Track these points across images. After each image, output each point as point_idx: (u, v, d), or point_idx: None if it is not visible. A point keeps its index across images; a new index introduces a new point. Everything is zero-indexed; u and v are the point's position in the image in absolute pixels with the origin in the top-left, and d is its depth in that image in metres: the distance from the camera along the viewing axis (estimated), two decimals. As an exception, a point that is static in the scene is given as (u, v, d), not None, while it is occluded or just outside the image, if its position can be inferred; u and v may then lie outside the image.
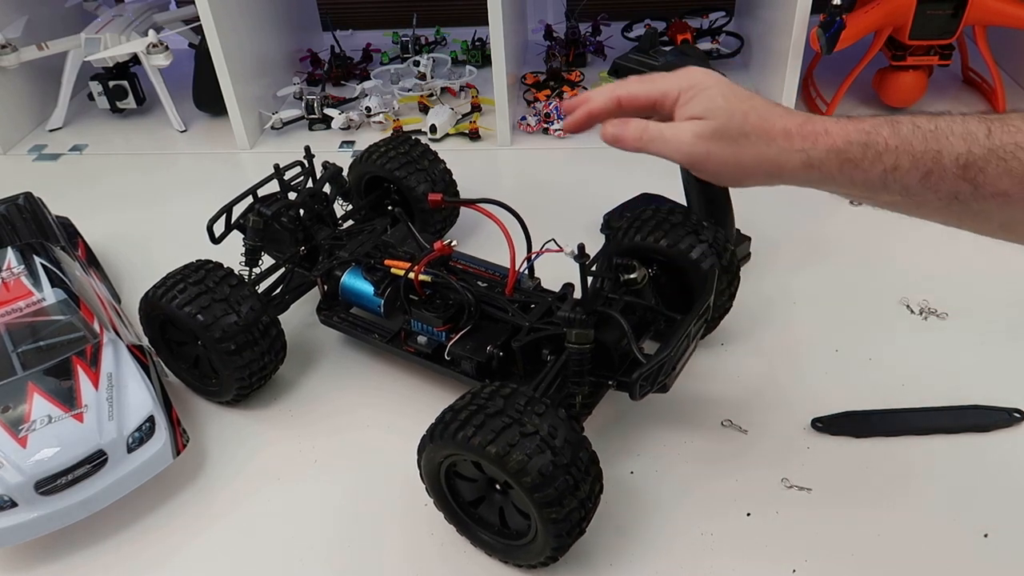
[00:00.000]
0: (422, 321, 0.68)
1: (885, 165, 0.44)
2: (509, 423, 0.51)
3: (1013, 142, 0.41)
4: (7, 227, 0.83)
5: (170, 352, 0.72)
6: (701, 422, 0.67)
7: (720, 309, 0.70)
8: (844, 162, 0.45)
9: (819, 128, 0.46)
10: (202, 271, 0.68)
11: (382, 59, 1.37)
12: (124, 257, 0.93)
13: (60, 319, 0.67)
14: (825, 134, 0.46)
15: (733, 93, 0.50)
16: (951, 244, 0.83)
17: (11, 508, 0.58)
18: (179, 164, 1.17)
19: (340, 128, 1.17)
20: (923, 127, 0.43)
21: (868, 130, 0.45)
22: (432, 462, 0.55)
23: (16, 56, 1.16)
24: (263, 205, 0.76)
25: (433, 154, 0.85)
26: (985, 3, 1.00)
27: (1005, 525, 0.58)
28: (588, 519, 0.54)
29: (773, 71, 1.11)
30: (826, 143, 0.46)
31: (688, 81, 0.51)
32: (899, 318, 0.77)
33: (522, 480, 0.49)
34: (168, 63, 1.17)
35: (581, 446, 0.52)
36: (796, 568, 0.56)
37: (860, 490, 0.61)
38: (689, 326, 0.59)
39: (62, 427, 0.60)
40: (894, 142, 0.44)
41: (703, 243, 0.66)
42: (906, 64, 1.07)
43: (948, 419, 0.66)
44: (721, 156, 0.49)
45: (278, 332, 0.70)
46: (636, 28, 1.38)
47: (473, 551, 0.59)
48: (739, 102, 0.49)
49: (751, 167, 0.49)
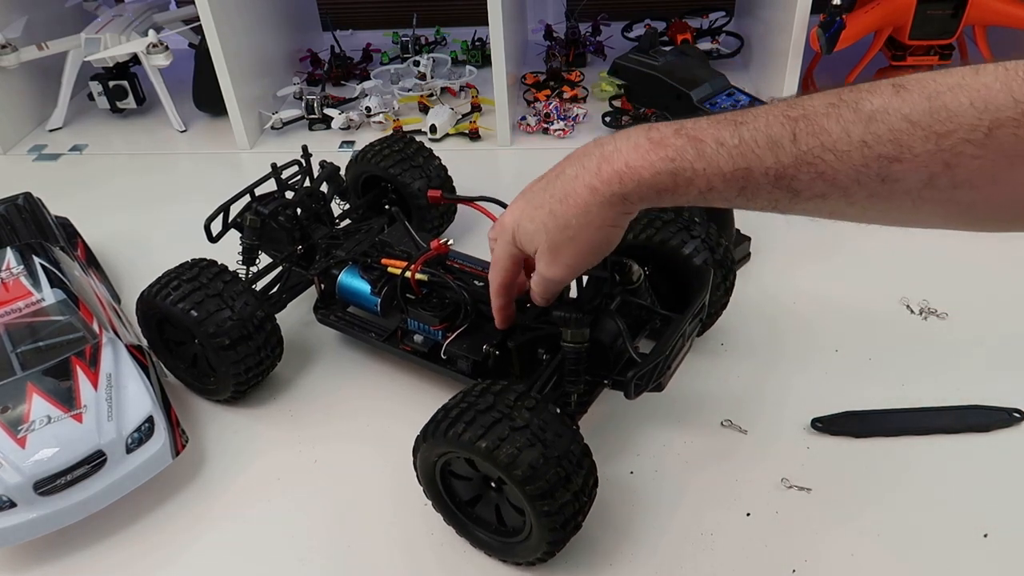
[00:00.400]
0: (419, 320, 0.68)
1: (699, 188, 0.43)
2: (499, 418, 0.51)
3: (819, 144, 0.40)
4: (7, 227, 0.83)
5: (168, 351, 0.73)
6: (701, 422, 0.67)
7: (716, 305, 0.70)
8: (658, 192, 0.44)
9: (619, 166, 0.45)
10: (196, 268, 0.68)
11: (382, 59, 1.37)
12: (124, 257, 0.93)
13: (59, 319, 0.67)
14: (628, 169, 0.45)
15: (531, 205, 0.50)
16: (952, 244, 0.83)
17: (10, 508, 0.58)
18: (179, 164, 1.17)
19: (340, 128, 1.17)
20: (727, 143, 0.42)
21: (672, 157, 0.43)
22: (427, 461, 0.55)
23: (16, 56, 1.16)
24: (260, 204, 0.76)
25: (428, 151, 0.85)
26: (985, 3, 1.00)
27: (1005, 525, 0.58)
28: (583, 513, 0.54)
29: (773, 71, 1.11)
30: (634, 178, 0.45)
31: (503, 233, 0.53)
32: (899, 318, 0.77)
33: (513, 473, 0.49)
34: (168, 63, 1.17)
35: (573, 439, 0.52)
36: (796, 568, 0.56)
37: (860, 490, 0.61)
38: (684, 325, 0.59)
39: (61, 427, 0.60)
40: (700, 165, 0.43)
41: (695, 239, 0.66)
42: (906, 64, 1.07)
43: (948, 419, 0.66)
44: (576, 258, 0.50)
45: (273, 327, 0.70)
46: (636, 28, 1.38)
47: (472, 551, 0.58)
48: (540, 209, 0.49)
49: (600, 240, 0.49)
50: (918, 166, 0.37)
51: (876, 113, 0.38)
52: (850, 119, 0.39)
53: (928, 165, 0.37)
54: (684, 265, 0.66)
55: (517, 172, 1.09)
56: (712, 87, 0.75)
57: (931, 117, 0.37)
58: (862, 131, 0.38)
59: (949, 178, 0.37)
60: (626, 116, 1.13)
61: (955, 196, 0.38)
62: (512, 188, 0.54)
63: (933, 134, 0.37)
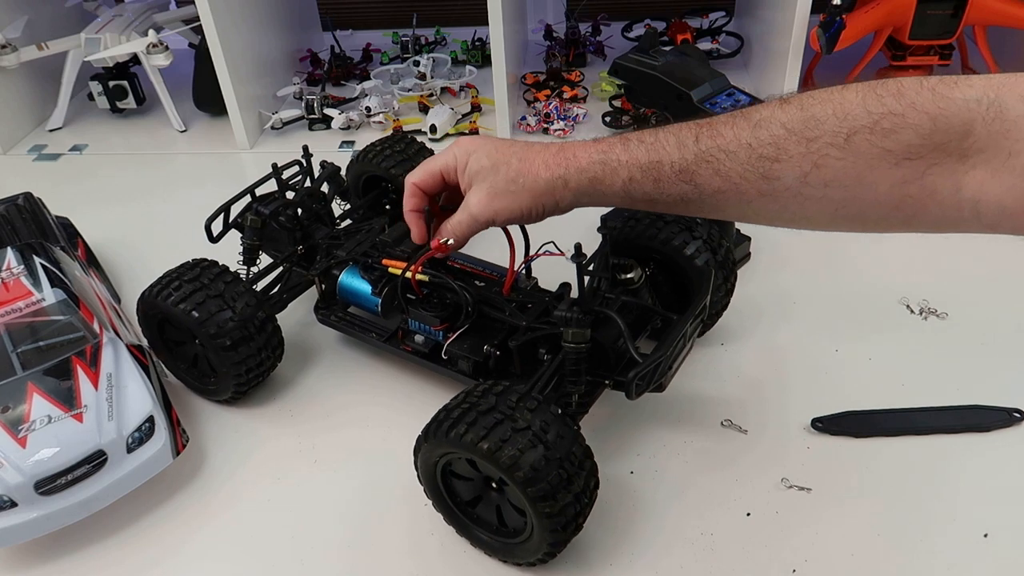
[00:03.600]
0: (419, 320, 0.68)
1: (622, 178, 0.51)
2: (501, 419, 0.51)
3: (715, 145, 0.47)
4: (7, 227, 0.83)
5: (168, 352, 0.73)
6: (701, 422, 0.67)
7: (718, 306, 0.71)
8: (591, 180, 0.53)
9: (569, 154, 0.54)
10: (197, 269, 0.68)
11: (382, 59, 1.38)
12: (124, 257, 0.93)
13: (60, 319, 0.67)
14: (574, 158, 0.53)
15: (496, 149, 0.57)
16: (951, 244, 0.83)
17: (11, 508, 0.58)
18: (179, 164, 1.17)
19: (340, 128, 1.17)
20: (646, 141, 0.51)
21: (605, 150, 0.52)
22: (428, 461, 0.55)
23: (16, 56, 1.16)
24: (261, 204, 0.76)
25: (429, 152, 0.85)
26: (985, 3, 1.00)
27: (1005, 525, 0.58)
28: (584, 514, 0.54)
29: (773, 71, 1.11)
30: (575, 165, 0.53)
31: (457, 151, 0.58)
32: (899, 318, 0.77)
33: (515, 475, 0.49)
34: (168, 63, 1.17)
35: (574, 440, 0.52)
36: (796, 568, 0.56)
37: (860, 490, 0.61)
38: (685, 326, 0.59)
39: (62, 427, 0.60)
40: (625, 158, 0.51)
41: (697, 239, 0.66)
42: (906, 64, 1.07)
43: (948, 419, 0.66)
44: (506, 209, 0.56)
45: (274, 328, 0.70)
46: (636, 28, 1.38)
47: (473, 551, 0.59)
48: (501, 156, 0.56)
49: (532, 207, 0.55)
50: (793, 166, 0.45)
51: (761, 121, 0.46)
52: (742, 126, 0.47)
53: (801, 165, 0.44)
54: (686, 266, 0.66)
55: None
56: (712, 87, 0.75)
57: (803, 125, 0.44)
58: (748, 136, 0.46)
59: (819, 177, 0.44)
60: (626, 116, 1.13)
61: (828, 194, 0.45)
62: (512, 188, 0.56)
63: (804, 139, 0.44)
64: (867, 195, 0.44)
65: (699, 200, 0.49)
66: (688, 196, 0.49)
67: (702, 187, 0.48)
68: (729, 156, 0.47)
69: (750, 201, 0.48)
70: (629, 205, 0.53)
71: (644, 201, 0.52)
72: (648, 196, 0.51)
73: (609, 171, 0.52)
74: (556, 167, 0.54)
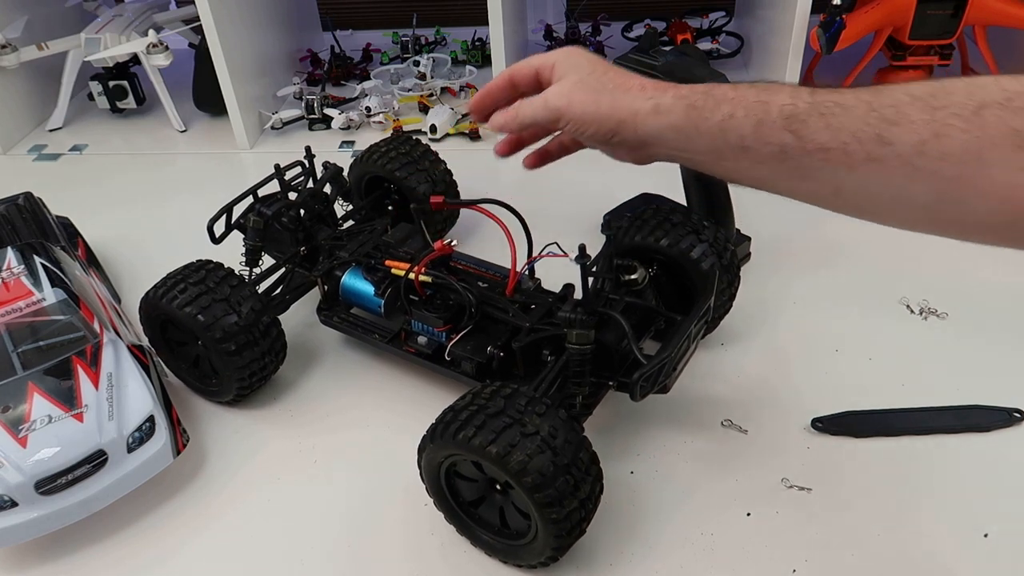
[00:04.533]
0: (422, 321, 0.68)
1: (723, 113, 0.49)
2: (510, 423, 0.51)
3: (832, 100, 0.45)
4: (7, 227, 0.83)
5: (170, 352, 0.72)
6: (701, 422, 0.67)
7: (720, 309, 0.70)
8: (688, 107, 0.50)
9: (669, 84, 0.53)
10: (202, 271, 0.68)
11: (382, 59, 1.37)
12: (124, 257, 0.93)
13: (60, 319, 0.67)
14: (674, 88, 0.52)
15: (600, 61, 0.56)
16: (951, 244, 0.83)
17: (11, 508, 0.58)
18: (179, 164, 1.17)
19: (340, 128, 1.17)
20: (757, 85, 0.49)
21: (712, 85, 0.51)
22: (432, 462, 0.55)
23: (16, 56, 1.16)
24: (263, 205, 0.76)
25: (434, 155, 0.85)
26: (985, 3, 1.00)
27: (1005, 525, 0.58)
28: (588, 519, 0.54)
29: (773, 71, 1.11)
30: (674, 93, 0.51)
31: (560, 54, 0.57)
32: (899, 318, 0.77)
33: (523, 480, 0.49)
34: (168, 63, 1.17)
35: (582, 446, 0.52)
36: (796, 568, 0.56)
37: (860, 490, 0.61)
38: (690, 327, 0.59)
39: (62, 427, 0.60)
40: (732, 94, 0.49)
41: (703, 243, 0.66)
42: (906, 64, 1.07)
43: (948, 419, 0.66)
44: (581, 103, 0.54)
45: (278, 332, 0.70)
46: (636, 28, 1.38)
47: (473, 551, 0.59)
48: (601, 65, 0.55)
49: (607, 113, 0.53)
50: (912, 131, 0.41)
51: (884, 88, 0.44)
52: (862, 89, 0.45)
53: (920, 132, 0.41)
54: (690, 268, 0.66)
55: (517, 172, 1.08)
56: (713, 87, 0.74)
57: (930, 93, 0.42)
58: (869, 96, 0.44)
59: (937, 147, 0.41)
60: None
61: (941, 169, 0.41)
62: (512, 188, 0.55)
63: (929, 107, 0.41)
64: (979, 179, 0.40)
65: (797, 159, 0.46)
66: (787, 149, 0.46)
67: (806, 141, 0.45)
68: (845, 111, 0.44)
69: (854, 167, 0.44)
70: (714, 158, 0.50)
71: (737, 148, 0.48)
72: (743, 142, 0.48)
73: (712, 103, 0.49)
74: (653, 90, 0.52)
